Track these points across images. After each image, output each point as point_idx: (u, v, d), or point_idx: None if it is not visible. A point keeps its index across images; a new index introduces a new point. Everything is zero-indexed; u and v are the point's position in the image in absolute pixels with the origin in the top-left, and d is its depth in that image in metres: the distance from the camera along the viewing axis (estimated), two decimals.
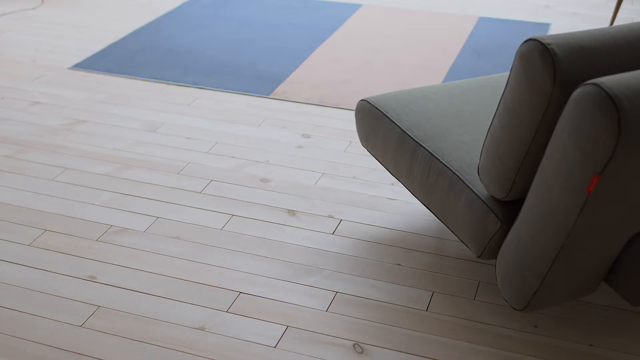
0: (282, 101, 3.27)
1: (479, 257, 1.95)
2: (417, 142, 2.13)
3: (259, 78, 3.48)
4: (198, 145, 2.89)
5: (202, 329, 2.00)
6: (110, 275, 2.19)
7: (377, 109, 2.29)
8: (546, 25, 4.23)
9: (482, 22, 4.28)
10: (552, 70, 1.60)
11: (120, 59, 3.68)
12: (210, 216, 2.46)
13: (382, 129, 2.26)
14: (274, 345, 1.95)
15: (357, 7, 4.50)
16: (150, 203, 2.52)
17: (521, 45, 1.66)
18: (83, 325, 2.00)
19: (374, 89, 3.40)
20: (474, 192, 1.93)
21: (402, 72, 3.58)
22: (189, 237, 2.36)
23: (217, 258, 2.26)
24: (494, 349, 1.95)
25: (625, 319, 2.05)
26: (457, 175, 1.99)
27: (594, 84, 1.49)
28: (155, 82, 3.43)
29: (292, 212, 2.49)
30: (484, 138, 2.09)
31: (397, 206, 2.53)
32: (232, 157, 2.82)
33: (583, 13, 4.44)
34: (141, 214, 2.47)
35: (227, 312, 2.06)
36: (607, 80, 1.49)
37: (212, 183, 2.65)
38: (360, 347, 1.95)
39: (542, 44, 1.61)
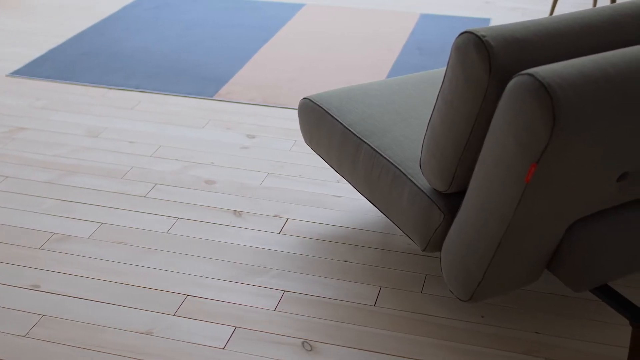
0: (226, 102, 3.25)
1: (423, 250, 1.96)
2: (359, 138, 2.14)
3: (202, 80, 3.46)
4: (141, 149, 2.86)
5: (149, 333, 1.97)
6: (54, 284, 2.15)
7: (320, 106, 2.29)
8: (486, 21, 4.29)
9: (424, 19, 4.32)
10: (488, 61, 1.61)
11: (61, 64, 3.63)
12: (155, 220, 2.43)
13: (325, 127, 2.26)
14: (223, 347, 1.93)
15: (300, 6, 4.50)
16: (94, 209, 2.49)
17: (457, 38, 1.68)
18: (27, 335, 1.96)
19: (318, 88, 3.40)
20: (416, 185, 1.95)
21: (345, 70, 3.59)
22: (134, 241, 2.33)
23: (163, 261, 2.24)
24: (443, 340, 1.96)
25: (570, 305, 2.08)
26: (399, 169, 2.00)
27: (528, 74, 1.51)
28: (97, 87, 3.39)
29: (238, 213, 2.47)
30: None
31: (343, 203, 2.53)
32: (176, 159, 2.79)
33: (523, 8, 4.50)
34: (84, 220, 2.43)
35: (174, 315, 2.04)
36: (541, 70, 1.51)
37: (157, 186, 2.62)
38: (310, 344, 1.95)
39: (477, 36, 1.63)
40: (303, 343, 1.95)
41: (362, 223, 2.43)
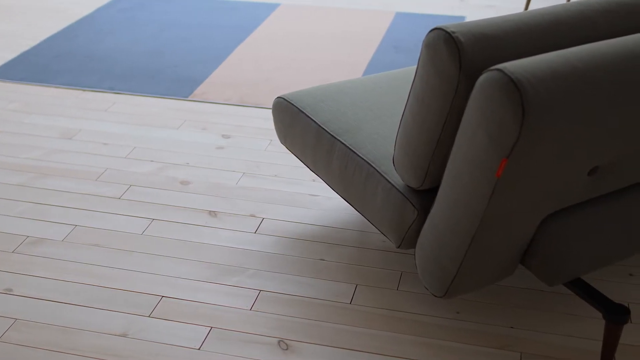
0: (201, 103, 3.24)
1: (398, 247, 1.97)
2: (333, 136, 2.14)
3: (177, 80, 3.45)
4: (116, 151, 2.84)
5: (124, 335, 1.96)
6: (28, 287, 2.13)
7: (294, 105, 2.29)
8: (461, 19, 4.30)
9: (399, 17, 4.33)
10: (458, 57, 1.62)
11: (34, 66, 3.60)
12: (130, 221, 2.42)
13: (299, 126, 2.26)
14: (198, 347, 1.93)
15: (275, 6, 4.49)
16: (68, 211, 2.47)
17: (427, 34, 1.68)
18: (0, 340, 1.95)
19: (294, 87, 3.40)
20: (390, 182, 1.95)
21: (321, 69, 3.59)
22: (109, 243, 2.31)
23: (138, 263, 2.23)
24: (418, 337, 1.97)
25: (544, 300, 2.09)
26: (373, 167, 2.00)
27: (497, 69, 1.51)
28: (71, 89, 3.36)
29: (213, 213, 2.46)
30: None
31: (319, 202, 2.53)
32: (151, 161, 2.78)
33: (498, 5, 4.52)
34: (58, 223, 2.41)
35: (149, 316, 2.03)
36: (510, 65, 1.51)
37: (132, 188, 2.60)
38: (286, 343, 1.94)
39: (446, 32, 1.64)
40: (279, 342, 1.95)
41: (338, 221, 2.43)
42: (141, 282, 2.15)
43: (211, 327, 1.99)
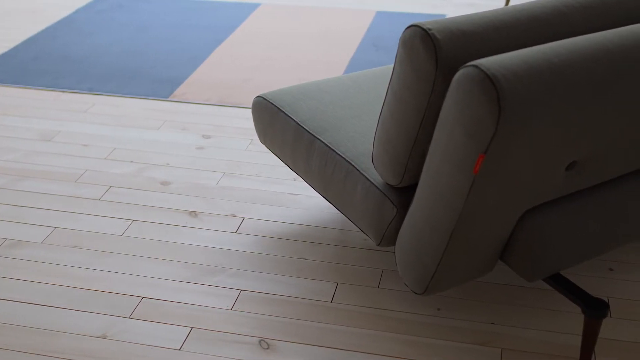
0: (181, 103, 3.23)
1: (378, 244, 1.97)
2: (312, 135, 2.14)
3: (157, 81, 3.43)
4: (95, 152, 2.83)
5: (103, 337, 1.95)
6: (6, 290, 2.11)
7: (273, 104, 2.29)
8: (442, 17, 4.31)
9: (380, 16, 4.33)
10: (434, 54, 1.62)
11: (12, 68, 3.57)
12: (109, 223, 2.41)
13: (279, 124, 2.25)
14: (179, 348, 1.92)
15: (255, 6, 4.49)
16: (47, 213, 2.45)
17: (403, 32, 1.68)
18: None
19: (274, 87, 3.39)
20: (369, 180, 1.95)
21: (302, 69, 3.58)
22: (88, 245, 2.30)
23: (118, 264, 2.22)
24: (399, 334, 1.97)
25: (525, 296, 2.10)
26: (352, 165, 2.00)
27: (473, 65, 1.52)
28: (50, 90, 3.34)
29: (193, 214, 2.46)
30: None
31: (300, 201, 2.53)
32: (131, 162, 2.76)
33: (479, 4, 4.54)
34: (38, 225, 2.39)
35: (129, 318, 2.02)
36: (485, 62, 1.52)
37: (111, 189, 2.59)
38: (266, 342, 1.94)
39: (423, 29, 1.64)
40: (260, 342, 1.94)
41: (318, 220, 2.43)
42: (121, 283, 2.14)
43: (192, 328, 1.98)
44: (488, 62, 1.52)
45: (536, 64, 1.53)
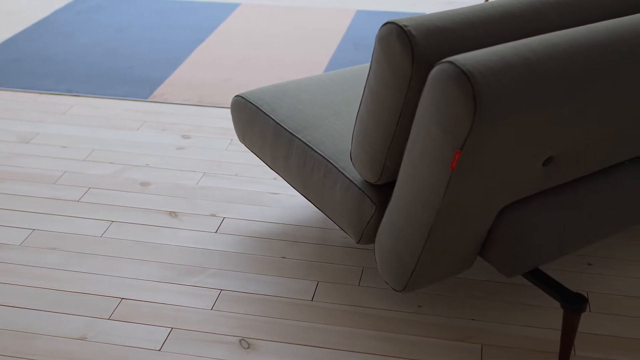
0: (160, 104, 3.22)
1: (358, 242, 1.97)
2: (291, 133, 2.13)
3: (136, 82, 3.42)
4: (74, 154, 2.81)
5: (83, 338, 1.94)
6: None
7: (251, 103, 2.28)
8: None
9: (360, 15, 4.34)
10: (410, 51, 1.62)
11: None
12: (89, 224, 2.39)
13: (258, 123, 2.25)
14: (159, 349, 1.91)
15: (235, 6, 4.48)
16: (26, 215, 2.43)
17: (380, 29, 1.68)
18: None
19: (254, 87, 3.39)
20: (348, 178, 1.95)
21: (282, 68, 3.58)
22: (67, 247, 2.29)
23: (97, 266, 2.21)
24: (381, 331, 1.97)
25: (504, 292, 2.11)
26: (331, 163, 2.00)
27: (449, 61, 1.52)
28: (28, 92, 3.32)
29: (173, 214, 2.45)
30: None
31: (280, 200, 2.52)
32: (111, 163, 2.75)
33: (458, 2, 4.55)
34: (16, 227, 2.38)
35: (109, 319, 2.01)
36: (461, 58, 1.52)
37: (90, 190, 2.58)
38: (247, 342, 1.93)
39: (399, 26, 1.64)
40: (240, 341, 1.94)
41: (299, 219, 2.42)
42: (100, 284, 2.13)
43: (172, 328, 1.97)
44: (464, 58, 1.52)
45: (512, 60, 1.54)
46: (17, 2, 4.53)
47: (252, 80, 3.45)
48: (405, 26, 1.64)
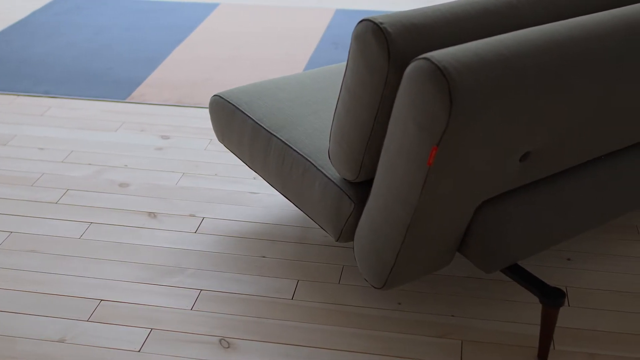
0: (139, 104, 3.20)
1: (337, 240, 1.97)
2: (270, 132, 2.13)
3: (115, 83, 3.40)
4: (52, 155, 2.79)
5: (62, 340, 1.93)
6: None
7: (230, 103, 2.28)
8: None
9: (339, 14, 4.34)
10: (386, 48, 1.62)
11: None
12: (67, 226, 2.38)
13: (236, 123, 2.24)
14: (138, 350, 1.90)
15: (214, 6, 4.47)
16: (3, 218, 2.42)
17: (356, 26, 1.68)
18: None
19: (233, 86, 3.38)
20: (326, 176, 1.95)
21: (261, 68, 3.57)
22: (46, 249, 2.27)
23: (76, 268, 2.19)
24: (361, 329, 1.97)
25: (484, 288, 2.11)
26: (310, 161, 2.00)
27: (424, 58, 1.52)
28: (5, 94, 3.30)
29: (152, 215, 2.44)
30: None
31: (260, 199, 2.52)
32: (89, 164, 2.73)
33: (439, 1, 4.56)
34: None
35: (87, 321, 1.99)
36: (436, 54, 1.52)
37: (69, 192, 2.56)
38: (227, 341, 1.93)
39: (375, 23, 1.64)
40: (220, 341, 1.93)
41: (278, 218, 2.42)
42: (79, 286, 2.12)
43: (151, 329, 1.97)
44: (439, 54, 1.52)
45: (487, 56, 1.54)
46: None
47: (232, 79, 3.44)
48: (381, 23, 1.64)
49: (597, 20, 1.72)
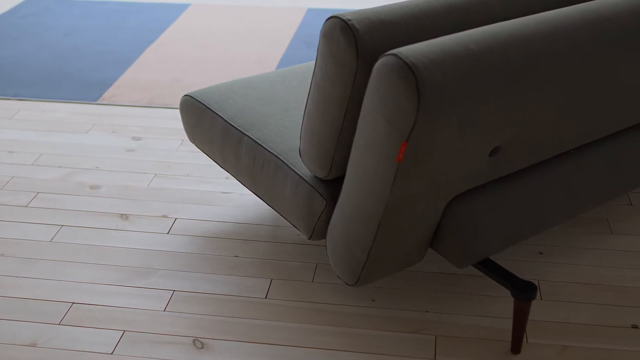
0: (110, 106, 3.18)
1: (309, 238, 1.96)
2: (240, 131, 2.12)
3: (86, 84, 3.37)
4: (22, 158, 2.76)
5: (33, 345, 1.91)
6: None
7: (200, 102, 2.27)
8: None
9: (311, 13, 4.33)
10: (354, 45, 1.62)
11: None
12: (37, 229, 2.36)
13: (207, 122, 2.23)
14: (111, 352, 1.89)
15: (185, 6, 4.45)
16: None
17: (324, 23, 1.68)
18: None
19: (204, 86, 3.36)
20: (298, 174, 1.94)
21: (233, 68, 3.56)
22: (16, 252, 2.25)
23: (47, 271, 2.17)
24: (335, 327, 1.97)
25: (457, 283, 2.12)
26: (281, 160, 2.00)
27: (392, 54, 1.52)
28: None
29: (124, 216, 2.42)
30: None
31: (232, 199, 2.51)
32: (59, 167, 2.71)
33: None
34: None
35: (59, 324, 1.97)
36: (404, 50, 1.53)
37: (39, 195, 2.54)
38: (201, 342, 1.92)
39: (342, 20, 1.64)
40: (194, 341, 1.92)
41: (251, 217, 2.41)
42: (50, 289, 2.10)
43: (124, 331, 1.95)
44: (407, 50, 1.53)
45: (454, 51, 1.55)
46: None
47: (203, 80, 3.43)
48: (349, 20, 1.64)
49: (564, 15, 1.73)
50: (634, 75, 1.81)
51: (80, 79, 3.43)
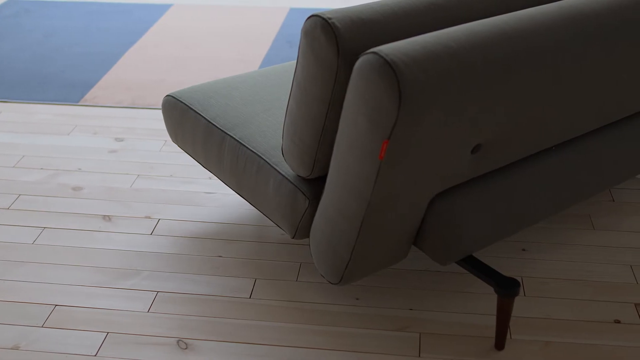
0: (92, 107, 3.16)
1: (293, 237, 1.96)
2: (223, 131, 2.12)
3: (67, 86, 3.35)
4: (3, 161, 2.74)
5: (16, 348, 1.90)
6: None
7: (182, 102, 2.26)
8: None
9: (293, 12, 4.33)
10: (335, 43, 1.62)
11: None
12: (19, 231, 2.34)
13: (189, 122, 2.23)
14: (95, 354, 1.88)
15: (167, 7, 4.43)
16: None
17: (305, 22, 1.68)
18: None
19: (187, 86, 3.35)
20: (280, 173, 1.94)
21: (216, 68, 3.55)
22: None
23: (29, 273, 2.16)
24: (320, 326, 1.97)
25: (442, 280, 2.13)
26: (263, 159, 1.99)
27: (372, 52, 1.52)
28: None
29: (107, 218, 2.41)
30: None
31: (216, 199, 2.51)
32: (41, 168, 2.70)
33: None
34: None
35: (42, 327, 1.96)
36: (384, 48, 1.53)
37: (21, 197, 2.52)
38: (185, 342, 1.91)
39: (323, 18, 1.64)
40: (178, 342, 1.92)
41: (235, 217, 2.41)
42: (33, 292, 2.08)
43: (107, 333, 1.94)
44: (387, 48, 1.53)
45: (435, 49, 1.55)
46: None
47: (186, 80, 3.42)
48: (330, 18, 1.64)
49: (544, 12, 1.74)
50: (613, 72, 1.82)
51: (61, 80, 3.41)
